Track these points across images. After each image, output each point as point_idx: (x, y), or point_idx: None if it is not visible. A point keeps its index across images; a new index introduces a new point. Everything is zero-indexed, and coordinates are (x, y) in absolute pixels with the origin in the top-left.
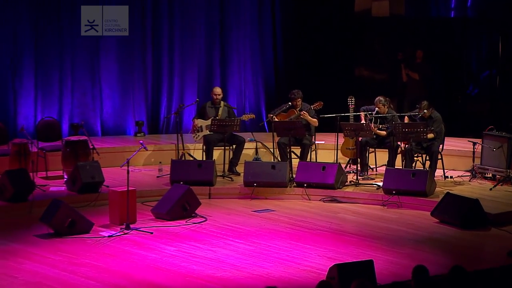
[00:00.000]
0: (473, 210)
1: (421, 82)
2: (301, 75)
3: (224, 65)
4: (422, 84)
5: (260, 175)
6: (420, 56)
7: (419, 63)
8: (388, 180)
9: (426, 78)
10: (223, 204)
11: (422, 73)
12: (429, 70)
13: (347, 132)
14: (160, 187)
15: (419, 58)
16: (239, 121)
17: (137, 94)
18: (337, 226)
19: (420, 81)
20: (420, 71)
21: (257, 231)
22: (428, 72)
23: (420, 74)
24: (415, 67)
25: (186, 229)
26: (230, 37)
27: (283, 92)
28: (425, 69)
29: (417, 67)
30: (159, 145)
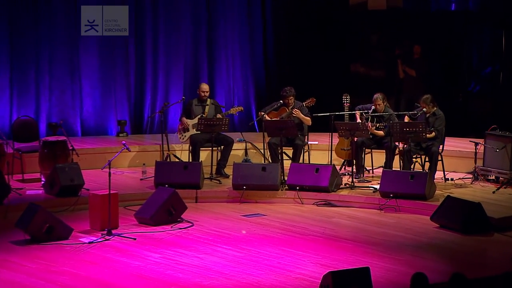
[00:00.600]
0: (475, 214)
1: (419, 79)
2: (293, 72)
3: (211, 61)
4: (420, 81)
5: (249, 178)
6: (418, 52)
7: (417, 58)
8: (385, 182)
9: (424, 75)
10: (211, 208)
11: (419, 69)
12: (427, 66)
13: (342, 132)
14: (143, 190)
15: (416, 53)
16: (227, 121)
17: (119, 92)
18: (331, 232)
19: (417, 78)
20: (417, 67)
21: (246, 237)
22: (426, 69)
23: (417, 70)
24: (412, 63)
25: (172, 235)
26: (218, 31)
27: (274, 89)
28: (423, 65)
29: (414, 63)
30: (142, 145)
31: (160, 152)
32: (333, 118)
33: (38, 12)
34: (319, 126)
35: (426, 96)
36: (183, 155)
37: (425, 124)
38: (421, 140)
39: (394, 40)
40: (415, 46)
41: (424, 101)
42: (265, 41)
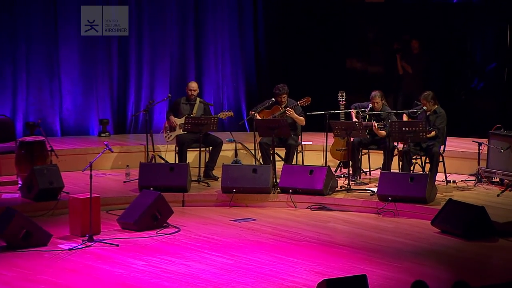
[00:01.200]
0: (478, 219)
1: (416, 75)
2: (286, 68)
3: (199, 56)
4: (418, 77)
5: (239, 180)
6: (416, 47)
7: (416, 54)
8: (383, 185)
9: (422, 71)
10: (198, 212)
11: (417, 65)
12: (425, 62)
13: (338, 131)
14: (127, 193)
15: (415, 48)
16: (216, 120)
17: (101, 89)
18: (327, 237)
19: (414, 74)
20: (415, 63)
21: (236, 243)
22: (424, 65)
23: (415, 66)
24: (410, 58)
25: (157, 240)
26: (206, 25)
27: (265, 86)
28: (422, 61)
29: (412, 59)
30: (126, 146)
31: (145, 153)
32: (328, 117)
33: (14, 5)
34: (313, 125)
35: (427, 93)
36: (169, 156)
37: (425, 123)
38: (421, 140)
39: (392, 35)
40: (413, 40)
41: (425, 98)
42: (256, 36)
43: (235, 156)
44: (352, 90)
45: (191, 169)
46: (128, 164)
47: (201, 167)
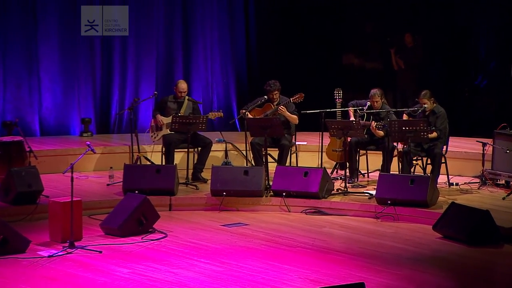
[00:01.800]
0: (483, 224)
1: (411, 71)
2: (279, 64)
3: (187, 51)
4: (412, 73)
5: (230, 183)
6: (410, 40)
7: (410, 48)
8: (382, 188)
9: (416, 66)
10: (187, 217)
11: (411, 60)
12: (420, 57)
13: (334, 131)
14: (110, 197)
15: (408, 42)
16: (205, 119)
17: (83, 86)
18: (322, 243)
19: (408, 69)
20: (409, 58)
21: (226, 249)
22: (418, 59)
23: (409, 61)
24: (405, 53)
25: (142, 247)
26: (194, 18)
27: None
28: (416, 56)
29: (407, 53)
30: (109, 146)
31: (130, 154)
32: (323, 116)
33: None
34: (308, 124)
35: (425, 92)
36: (155, 157)
37: (426, 122)
38: (422, 140)
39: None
40: (406, 34)
41: (424, 96)
42: (247, 30)
43: (225, 157)
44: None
45: (179, 171)
46: (111, 166)
47: (189, 169)
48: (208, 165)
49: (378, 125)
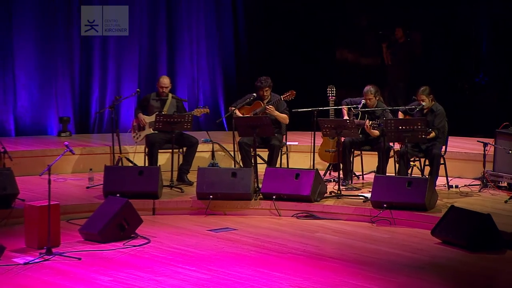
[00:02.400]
0: (484, 228)
1: (400, 66)
2: (269, 59)
3: (171, 46)
4: (402, 69)
5: (217, 185)
6: (400, 35)
7: (400, 43)
8: (377, 190)
9: (406, 62)
10: (171, 221)
11: (402, 55)
12: (409, 52)
13: (327, 130)
14: (90, 200)
15: (399, 37)
16: (190, 117)
17: (61, 83)
18: (314, 249)
19: (398, 65)
20: (399, 53)
21: (213, 256)
22: (407, 54)
23: (398, 57)
24: (396, 48)
25: (124, 253)
26: (180, 11)
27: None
28: (405, 51)
29: (397, 48)
30: (89, 147)
31: (111, 155)
32: (316, 114)
33: None
34: (300, 123)
35: (424, 88)
36: (137, 158)
37: (424, 121)
38: (420, 140)
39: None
40: (397, 28)
41: (423, 93)
42: (235, 23)
43: (212, 158)
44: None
45: (163, 173)
46: (91, 168)
47: (174, 171)
48: (194, 166)
49: (373, 124)
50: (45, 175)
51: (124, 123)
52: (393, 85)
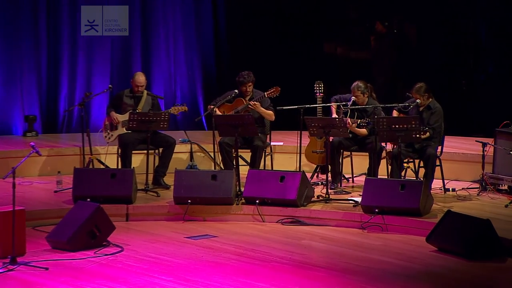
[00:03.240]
0: (483, 235)
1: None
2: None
3: (146, 39)
4: (382, 64)
5: (196, 189)
6: (381, 28)
7: (382, 36)
8: (369, 194)
9: (385, 57)
10: (146, 228)
11: (381, 50)
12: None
13: (314, 129)
14: (58, 205)
15: (380, 30)
16: (167, 116)
17: (26, 79)
18: (301, 257)
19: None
20: (379, 47)
21: (192, 265)
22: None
23: (379, 51)
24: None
25: (95, 263)
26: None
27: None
28: (384, 46)
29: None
30: (57, 148)
31: (80, 156)
32: (302, 112)
33: None
34: (285, 122)
35: (420, 85)
36: (110, 160)
37: (419, 120)
38: (414, 140)
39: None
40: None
41: (417, 91)
42: (215, 15)
43: (191, 159)
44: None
45: (137, 176)
46: (59, 170)
47: (149, 173)
48: (171, 168)
49: (362, 122)
50: (9, 178)
51: (95, 122)
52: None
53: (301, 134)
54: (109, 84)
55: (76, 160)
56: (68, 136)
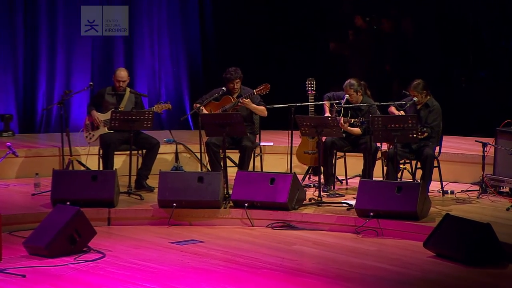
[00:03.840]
0: (483, 239)
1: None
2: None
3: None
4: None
5: (181, 192)
6: (361, 23)
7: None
8: (363, 197)
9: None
10: (129, 233)
11: (359, 46)
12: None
13: (306, 129)
14: (36, 209)
15: (361, 25)
16: (151, 115)
17: (2, 76)
18: (292, 263)
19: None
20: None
21: (177, 272)
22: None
23: (359, 47)
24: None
25: (75, 269)
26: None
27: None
28: (365, 41)
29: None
30: (35, 149)
31: (60, 157)
32: (293, 111)
33: None
34: (275, 121)
35: (417, 82)
36: (91, 161)
37: (416, 119)
38: (411, 140)
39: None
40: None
41: (414, 88)
42: (202, 9)
43: (176, 161)
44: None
45: (120, 178)
46: (37, 172)
47: (132, 175)
48: (155, 170)
49: (356, 121)
50: None
51: (75, 121)
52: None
53: (292, 134)
54: (90, 82)
55: (55, 162)
56: (47, 136)
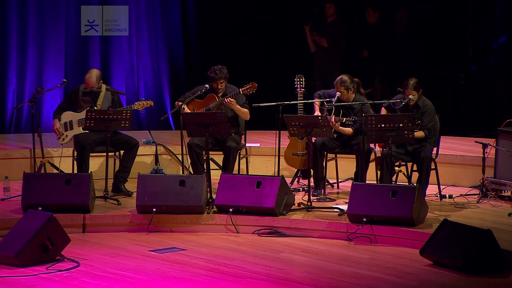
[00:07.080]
0: (483, 246)
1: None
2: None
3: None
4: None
5: (162, 196)
6: (332, 12)
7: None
8: (356, 201)
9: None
10: (105, 240)
11: (333, 36)
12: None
13: (294, 129)
14: (6, 215)
15: (329, 15)
16: (129, 113)
17: None
18: (280, 272)
19: (330, 48)
20: (330, 34)
21: (157, 281)
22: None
23: (330, 38)
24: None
25: (48, 279)
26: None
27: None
28: (337, 31)
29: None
30: (4, 150)
31: (31, 159)
32: (281, 110)
33: None
34: (262, 121)
35: (414, 80)
36: (64, 164)
37: (412, 118)
38: (406, 140)
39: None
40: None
41: (410, 87)
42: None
43: (156, 163)
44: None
45: (95, 181)
46: (7, 175)
47: (109, 179)
48: (134, 173)
49: (348, 120)
50: None
51: (48, 121)
52: (324, 73)
53: (280, 134)
54: (63, 78)
55: (26, 164)
56: (17, 136)
